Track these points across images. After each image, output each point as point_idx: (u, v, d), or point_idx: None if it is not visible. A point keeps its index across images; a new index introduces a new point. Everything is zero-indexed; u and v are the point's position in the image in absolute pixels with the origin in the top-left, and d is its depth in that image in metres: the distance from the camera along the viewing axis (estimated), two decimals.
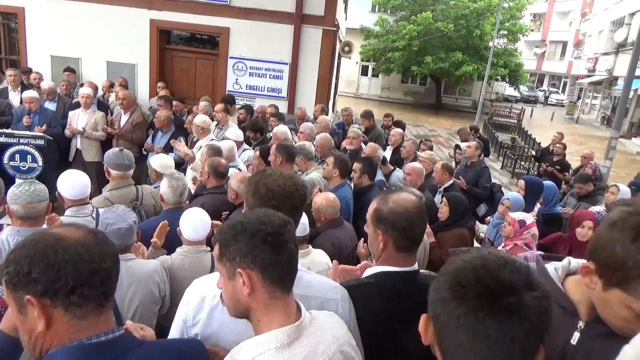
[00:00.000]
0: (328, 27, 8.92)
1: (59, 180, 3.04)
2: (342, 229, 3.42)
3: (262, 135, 6.22)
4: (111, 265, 1.17)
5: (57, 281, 1.07)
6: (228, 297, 1.32)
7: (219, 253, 1.30)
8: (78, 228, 1.19)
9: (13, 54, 9.24)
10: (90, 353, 1.11)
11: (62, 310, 1.09)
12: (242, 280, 1.25)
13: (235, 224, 1.31)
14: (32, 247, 1.10)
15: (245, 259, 1.25)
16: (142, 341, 1.29)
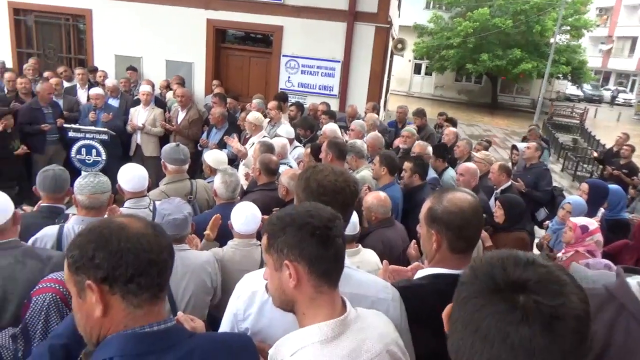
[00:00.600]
0: (381, 25, 8.82)
1: (120, 173, 3.19)
2: (393, 229, 3.37)
3: (313, 133, 6.24)
4: (167, 258, 1.19)
5: (118, 268, 1.10)
6: (274, 288, 1.33)
7: (267, 244, 1.31)
8: (139, 219, 1.22)
9: (81, 54, 9.80)
10: (143, 341, 1.13)
11: (119, 298, 1.12)
12: (289, 273, 1.25)
13: (284, 215, 1.31)
14: (97, 234, 1.14)
15: (293, 251, 1.25)
16: (193, 333, 1.31)
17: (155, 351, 1.14)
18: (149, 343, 1.14)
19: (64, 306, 1.99)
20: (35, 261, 2.25)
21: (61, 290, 2.00)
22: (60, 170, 3.05)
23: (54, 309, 1.96)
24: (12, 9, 9.50)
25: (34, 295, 1.99)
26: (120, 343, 1.12)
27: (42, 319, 1.94)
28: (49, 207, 3.03)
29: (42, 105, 6.19)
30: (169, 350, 1.15)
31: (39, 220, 2.86)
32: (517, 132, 19.02)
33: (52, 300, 1.96)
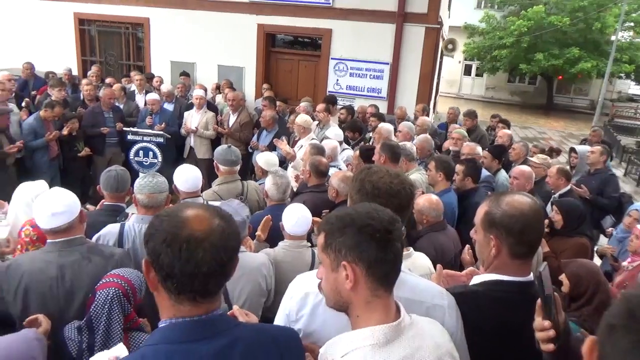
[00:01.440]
0: (431, 25, 8.68)
1: (175, 174, 3.31)
2: (444, 233, 3.30)
3: (361, 135, 6.22)
4: (213, 271, 1.17)
5: (156, 261, 1.14)
6: (328, 287, 1.31)
7: (324, 243, 1.28)
8: (214, 229, 1.20)
9: (139, 61, 10.27)
10: (188, 330, 1.16)
11: (162, 286, 1.17)
12: (346, 274, 1.23)
13: (344, 215, 1.28)
14: (162, 225, 1.16)
15: (351, 253, 1.23)
16: (239, 322, 1.33)
17: (199, 339, 1.16)
18: (194, 331, 1.16)
19: (125, 301, 2.09)
20: (100, 257, 2.36)
21: (123, 286, 2.09)
22: (122, 171, 3.20)
23: (117, 302, 2.05)
24: (77, 19, 10.11)
25: (98, 290, 2.09)
26: (165, 331, 1.17)
27: (105, 312, 2.04)
28: (111, 205, 3.18)
29: (104, 109, 6.52)
30: (213, 338, 1.17)
31: (101, 218, 3.00)
32: (574, 135, 18.15)
33: (115, 294, 2.06)
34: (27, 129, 5.63)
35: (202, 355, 1.14)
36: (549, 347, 1.30)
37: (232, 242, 1.19)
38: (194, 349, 1.14)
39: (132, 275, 2.18)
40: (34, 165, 5.67)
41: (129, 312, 2.12)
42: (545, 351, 1.32)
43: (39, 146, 5.62)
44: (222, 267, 1.17)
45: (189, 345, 1.14)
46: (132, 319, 2.14)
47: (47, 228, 2.27)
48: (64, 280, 2.25)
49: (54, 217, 2.25)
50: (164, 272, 1.13)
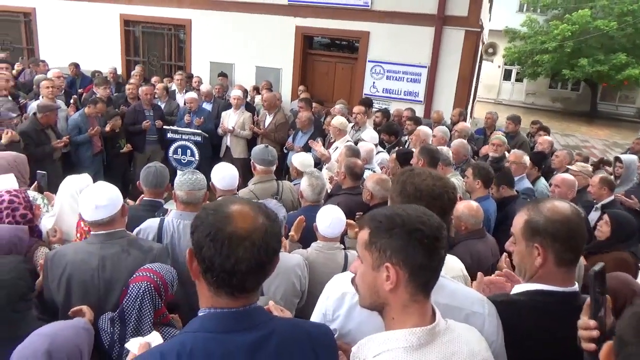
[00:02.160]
0: (471, 28, 8.52)
1: (213, 172, 3.36)
2: (483, 242, 3.22)
3: (397, 139, 6.17)
4: (250, 269, 1.18)
5: (198, 253, 1.17)
6: (365, 286, 1.28)
7: (368, 240, 1.25)
8: (258, 227, 1.21)
9: (180, 61, 10.53)
10: (224, 320, 1.19)
11: (202, 277, 1.19)
12: (387, 275, 1.21)
13: (393, 215, 1.24)
14: (207, 216, 1.19)
15: (397, 255, 1.20)
16: (275, 316, 1.35)
17: (235, 330, 1.18)
18: (231, 322, 1.19)
19: (156, 295, 2.12)
20: (139, 251, 2.42)
21: (155, 280, 2.13)
22: (161, 167, 3.28)
23: (148, 297, 2.10)
24: (123, 20, 10.47)
25: (131, 283, 2.14)
26: (203, 320, 1.20)
27: (137, 305, 2.09)
28: (150, 201, 3.26)
29: (145, 107, 6.72)
30: (249, 331, 1.19)
31: (140, 213, 3.09)
32: (619, 144, 17.41)
33: (146, 288, 2.10)
34: (72, 125, 5.87)
35: (238, 346, 1.16)
36: (590, 347, 1.28)
37: (273, 243, 1.20)
38: (231, 339, 1.16)
39: (165, 270, 2.23)
40: (79, 160, 5.90)
41: (160, 306, 2.16)
42: (586, 350, 1.30)
43: (82, 141, 5.84)
44: (262, 266, 1.18)
45: (226, 336, 1.17)
46: (162, 313, 2.18)
47: (90, 220, 2.35)
48: (104, 272, 2.32)
49: (97, 210, 2.32)
50: (205, 265, 1.16)
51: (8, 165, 3.22)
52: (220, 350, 1.15)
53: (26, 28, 11.61)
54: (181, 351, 1.14)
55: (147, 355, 1.20)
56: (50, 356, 1.53)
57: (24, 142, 4.80)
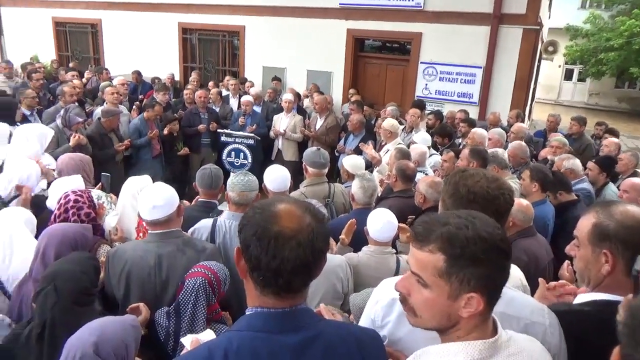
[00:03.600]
0: (530, 26, 8.17)
1: (265, 173, 3.41)
2: (535, 240, 3.07)
3: (450, 141, 6.01)
4: (297, 270, 1.17)
5: (245, 252, 1.17)
6: (432, 313, 1.17)
7: (445, 269, 1.11)
8: (304, 229, 1.19)
9: (234, 66, 10.81)
10: (271, 320, 1.18)
11: (249, 276, 1.19)
12: (466, 303, 1.12)
13: (474, 238, 1.10)
14: (255, 217, 1.18)
15: (481, 283, 1.10)
16: (323, 318, 1.32)
17: (281, 330, 1.17)
18: (278, 323, 1.18)
19: (210, 291, 2.18)
20: (193, 251, 2.49)
21: (209, 276, 2.19)
22: (216, 169, 3.36)
23: (202, 291, 2.15)
24: (181, 28, 10.89)
25: (187, 278, 2.21)
26: (251, 319, 1.20)
27: (192, 299, 2.15)
28: (205, 202, 3.35)
29: (201, 110, 6.94)
30: (296, 331, 1.17)
31: (195, 214, 3.18)
32: None
33: (201, 283, 2.16)
34: (132, 129, 6.16)
35: (285, 347, 1.15)
36: None
37: (320, 243, 1.17)
38: (277, 340, 1.15)
39: (218, 268, 2.27)
40: (139, 162, 6.17)
41: (213, 302, 2.21)
42: None
43: (142, 144, 6.11)
44: (307, 267, 1.16)
45: (273, 336, 1.16)
46: (214, 309, 2.22)
47: (148, 219, 2.44)
48: (160, 270, 2.40)
49: (154, 209, 2.41)
50: (252, 264, 1.15)
51: (76, 165, 3.43)
52: (266, 350, 1.14)
53: (93, 38, 12.36)
54: (228, 348, 1.14)
55: (196, 350, 1.22)
56: (97, 348, 1.60)
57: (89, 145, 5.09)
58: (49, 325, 1.88)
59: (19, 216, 2.58)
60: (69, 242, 2.34)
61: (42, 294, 1.93)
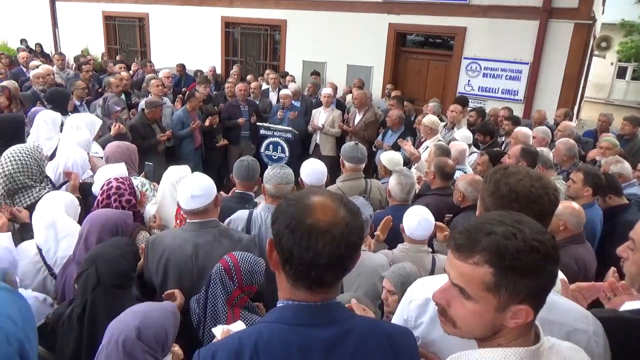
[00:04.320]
0: (582, 21, 7.80)
1: (302, 167, 3.40)
2: (584, 247, 2.93)
3: (492, 139, 5.83)
4: (331, 263, 1.14)
5: (278, 245, 1.14)
6: (475, 324, 1.11)
7: (493, 282, 1.03)
8: (339, 221, 1.16)
9: (274, 60, 10.89)
10: (303, 313, 1.17)
11: (282, 267, 1.17)
12: (514, 314, 1.06)
13: (525, 249, 1.02)
14: (289, 208, 1.17)
15: (531, 293, 1.04)
16: (354, 314, 1.30)
17: (312, 324, 1.15)
18: (309, 316, 1.16)
19: (226, 277, 2.17)
20: (229, 241, 2.52)
21: (228, 263, 2.19)
22: (253, 161, 3.39)
23: (218, 278, 2.17)
24: (224, 22, 11.07)
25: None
26: (282, 311, 1.19)
27: (210, 286, 2.20)
28: (241, 193, 3.39)
29: (241, 103, 7.03)
30: (327, 326, 1.16)
31: (232, 205, 3.21)
32: None
33: (217, 270, 2.18)
34: (176, 120, 6.31)
35: (315, 341, 1.14)
36: None
37: (354, 237, 1.14)
38: (308, 333, 1.14)
39: (243, 257, 2.25)
40: (181, 153, 6.31)
41: (231, 289, 2.18)
42: None
43: (184, 135, 6.25)
44: (341, 261, 1.13)
45: (303, 329, 1.15)
46: (236, 296, 2.20)
47: (186, 209, 2.49)
48: (197, 258, 2.45)
49: (193, 199, 2.45)
50: (284, 256, 1.14)
51: (122, 153, 3.55)
52: (297, 343, 1.13)
53: (140, 32, 12.75)
54: (259, 340, 1.14)
55: (226, 340, 1.22)
56: (139, 332, 1.64)
57: (132, 135, 5.24)
58: (89, 305, 1.96)
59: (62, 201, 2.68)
60: (110, 228, 2.41)
61: (84, 275, 2.01)
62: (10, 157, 2.98)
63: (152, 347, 1.66)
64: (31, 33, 13.36)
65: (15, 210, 2.75)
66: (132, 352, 1.61)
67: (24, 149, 3.06)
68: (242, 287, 2.21)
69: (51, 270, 2.51)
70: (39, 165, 3.04)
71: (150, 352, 1.65)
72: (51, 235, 2.52)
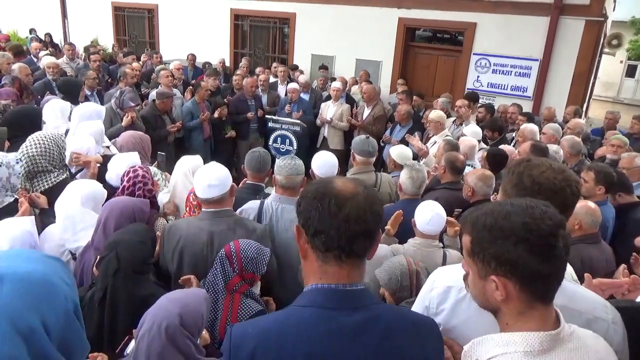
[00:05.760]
0: (593, 18, 7.77)
1: (313, 159, 3.43)
2: (597, 247, 2.93)
3: (501, 135, 5.84)
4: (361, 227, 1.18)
5: (307, 220, 1.19)
6: (476, 290, 1.23)
7: (470, 249, 1.19)
8: (355, 188, 1.24)
9: (283, 53, 10.89)
10: (334, 297, 1.20)
11: (310, 248, 1.21)
12: (495, 286, 1.14)
13: (495, 225, 1.14)
14: (314, 188, 1.23)
15: (502, 267, 1.12)
16: (380, 301, 1.34)
17: (344, 308, 1.18)
18: (337, 300, 1.19)
19: (227, 262, 2.24)
20: (243, 230, 2.56)
21: (230, 249, 2.26)
22: (264, 153, 3.42)
23: (219, 263, 2.24)
24: (233, 14, 11.06)
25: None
26: (311, 294, 1.22)
27: (212, 270, 2.28)
28: (253, 184, 3.42)
29: (247, 97, 7.04)
30: (355, 310, 1.19)
31: (243, 195, 3.24)
32: None
33: (221, 255, 2.25)
34: (185, 111, 6.35)
35: (343, 325, 1.16)
36: None
37: (376, 206, 1.21)
38: (336, 317, 1.17)
39: (248, 245, 2.29)
40: (191, 144, 6.35)
41: (231, 275, 2.23)
42: None
43: (194, 126, 6.28)
44: (368, 227, 1.17)
45: (332, 312, 1.18)
46: (235, 283, 2.23)
47: (202, 197, 2.53)
48: (212, 247, 2.49)
49: (209, 188, 2.49)
50: (313, 229, 1.18)
51: (136, 142, 3.59)
52: (326, 327, 1.16)
53: (149, 23, 12.76)
54: (289, 321, 1.18)
55: (260, 318, 1.27)
56: (181, 318, 1.69)
57: (144, 125, 5.29)
58: (110, 290, 2.00)
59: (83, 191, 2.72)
60: (128, 215, 2.46)
61: (105, 261, 2.05)
62: (34, 140, 3.04)
63: (191, 332, 1.71)
64: (40, 23, 13.41)
65: (34, 196, 2.80)
66: (174, 337, 1.65)
67: (48, 135, 3.13)
68: (243, 274, 2.25)
69: (73, 254, 2.56)
70: (60, 153, 3.09)
71: (189, 337, 1.69)
72: (69, 225, 2.56)
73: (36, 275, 0.88)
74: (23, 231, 2.20)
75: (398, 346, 1.19)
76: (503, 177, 1.61)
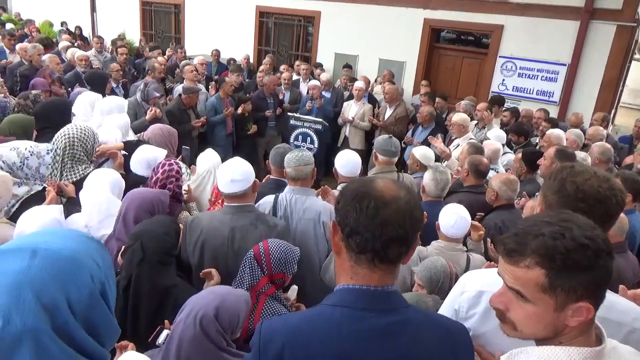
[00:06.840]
0: (625, 23, 7.57)
1: (337, 158, 3.45)
2: (623, 257, 2.86)
3: (526, 140, 5.75)
4: (396, 233, 1.15)
5: (345, 219, 1.16)
6: (535, 326, 1.11)
7: (547, 283, 1.05)
8: (400, 196, 1.19)
9: (307, 51, 10.90)
10: (365, 297, 1.18)
11: (345, 246, 1.19)
12: (574, 312, 1.06)
13: (578, 246, 1.03)
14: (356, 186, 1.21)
15: (590, 290, 1.05)
16: (410, 305, 1.32)
17: (375, 309, 1.17)
18: (368, 301, 1.17)
19: (255, 264, 2.22)
20: (265, 226, 2.57)
21: (259, 249, 2.25)
22: (288, 149, 3.44)
23: (248, 263, 2.24)
24: (258, 12, 11.12)
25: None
26: (342, 294, 1.20)
27: (240, 270, 2.27)
28: (276, 180, 3.45)
29: (267, 95, 7.07)
30: (385, 313, 1.17)
31: (266, 190, 3.26)
32: None
33: (249, 256, 2.25)
34: (209, 106, 6.41)
35: (373, 326, 1.15)
36: None
37: (417, 213, 1.17)
38: (367, 318, 1.16)
39: (278, 245, 2.28)
40: (214, 139, 6.39)
41: (259, 277, 2.21)
42: None
43: (217, 122, 6.34)
44: (405, 234, 1.14)
45: (362, 313, 1.16)
46: (264, 285, 2.22)
47: (225, 192, 2.55)
48: (233, 241, 2.51)
49: (232, 183, 2.51)
50: (349, 229, 1.15)
51: (163, 135, 3.65)
52: (355, 327, 1.15)
53: (175, 18, 12.90)
54: (319, 320, 1.18)
55: (289, 316, 1.28)
56: (218, 312, 1.71)
57: (169, 120, 5.35)
58: (134, 279, 2.04)
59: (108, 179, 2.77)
60: (147, 206, 2.49)
61: (130, 250, 2.09)
62: (75, 125, 3.11)
63: (225, 328, 1.72)
64: (71, 16, 13.70)
65: (62, 184, 2.86)
66: (207, 329, 1.67)
67: (86, 126, 3.20)
68: (272, 275, 2.23)
69: None
70: (92, 146, 3.15)
71: (222, 333, 1.70)
72: (95, 212, 2.61)
73: (66, 252, 0.89)
74: (52, 219, 2.24)
75: (427, 351, 1.17)
76: (543, 182, 1.56)
